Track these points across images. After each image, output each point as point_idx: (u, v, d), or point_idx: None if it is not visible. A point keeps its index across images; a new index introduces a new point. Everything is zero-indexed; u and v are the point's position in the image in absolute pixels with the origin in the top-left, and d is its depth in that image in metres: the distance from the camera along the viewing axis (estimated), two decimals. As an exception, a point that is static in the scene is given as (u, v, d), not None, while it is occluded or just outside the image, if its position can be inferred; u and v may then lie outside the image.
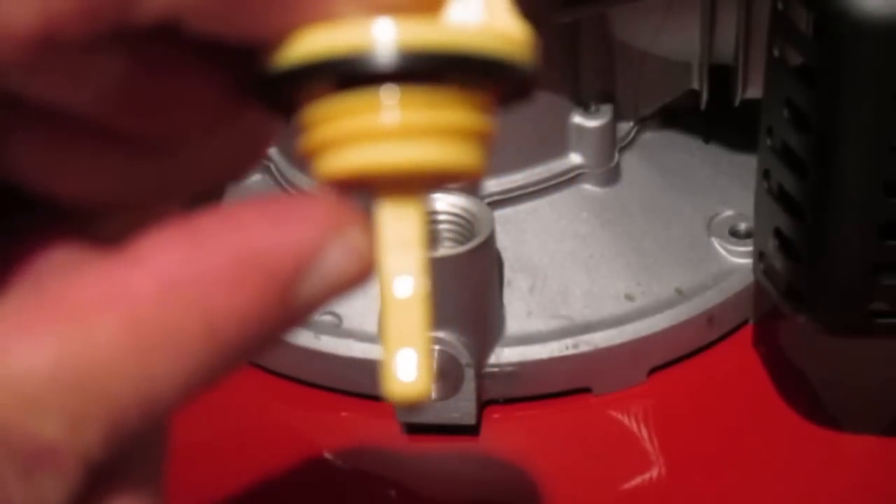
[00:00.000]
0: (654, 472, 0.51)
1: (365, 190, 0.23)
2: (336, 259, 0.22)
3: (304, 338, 0.53)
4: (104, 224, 0.25)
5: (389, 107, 0.22)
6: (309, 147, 0.23)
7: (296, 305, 0.22)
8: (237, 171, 0.26)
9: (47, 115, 0.23)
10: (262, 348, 0.23)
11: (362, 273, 0.23)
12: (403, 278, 0.23)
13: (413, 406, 0.25)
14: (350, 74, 0.22)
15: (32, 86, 0.22)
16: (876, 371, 0.55)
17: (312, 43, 0.22)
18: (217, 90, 0.24)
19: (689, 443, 0.52)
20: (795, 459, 0.51)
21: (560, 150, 0.57)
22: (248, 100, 0.24)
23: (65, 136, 0.23)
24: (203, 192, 0.25)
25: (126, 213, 0.25)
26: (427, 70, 0.22)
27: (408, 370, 0.23)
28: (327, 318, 0.53)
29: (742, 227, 0.56)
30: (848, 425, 0.52)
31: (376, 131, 0.22)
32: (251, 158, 0.26)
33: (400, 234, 0.23)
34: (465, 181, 0.24)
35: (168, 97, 0.23)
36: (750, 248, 0.53)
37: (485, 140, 0.23)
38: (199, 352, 0.22)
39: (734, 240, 0.56)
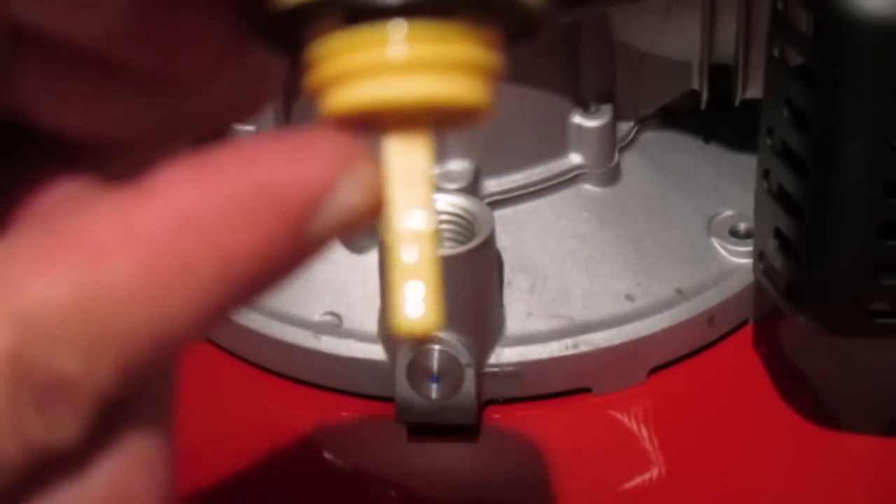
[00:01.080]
0: (654, 472, 0.51)
1: (372, 125, 0.23)
2: (348, 194, 0.22)
3: (304, 338, 0.53)
4: (110, 162, 0.25)
5: (397, 41, 0.22)
6: (316, 83, 0.23)
7: (308, 240, 0.22)
8: (243, 113, 0.26)
9: (52, 47, 0.23)
10: (274, 283, 0.23)
11: (373, 208, 0.23)
12: (411, 212, 0.23)
13: (421, 338, 0.25)
14: (357, 9, 0.22)
15: (37, 17, 0.22)
16: (876, 371, 0.55)
17: None
18: (223, 28, 0.24)
19: (689, 443, 0.52)
20: (795, 459, 0.51)
21: (560, 150, 0.57)
22: (255, 38, 0.24)
23: (70, 69, 0.23)
24: (209, 133, 0.25)
25: (132, 151, 0.25)
26: (434, 4, 0.22)
27: (416, 303, 0.23)
28: (327, 318, 0.53)
29: (742, 227, 0.56)
30: (848, 425, 0.52)
31: (383, 65, 0.22)
32: (257, 100, 0.26)
33: (407, 170, 0.23)
34: (471, 119, 0.23)
35: (174, 34, 0.23)
36: (750, 248, 0.53)
37: (492, 76, 0.23)
38: (212, 287, 0.22)
39: (734, 240, 0.56)
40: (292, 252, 0.22)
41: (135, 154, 0.25)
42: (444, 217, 0.51)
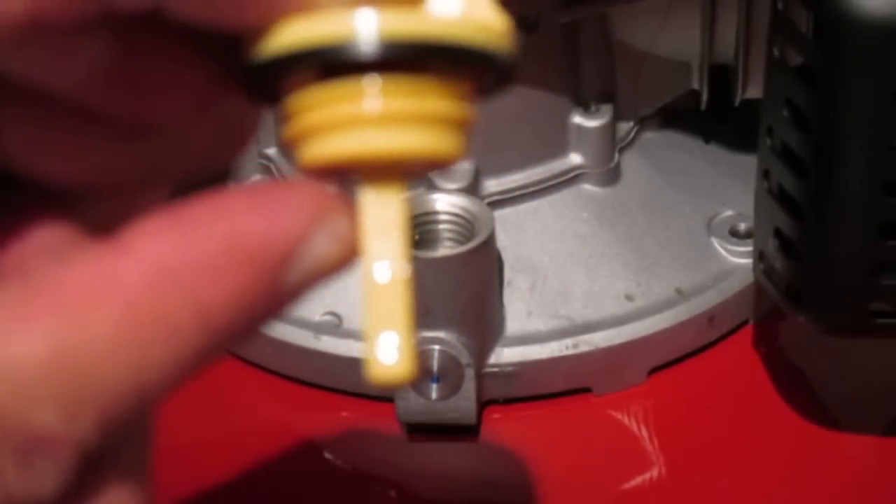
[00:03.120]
0: (654, 472, 0.51)
1: (347, 177, 0.24)
2: (321, 245, 0.23)
3: (304, 338, 0.53)
4: (90, 209, 0.25)
5: (371, 95, 0.23)
6: (292, 135, 0.23)
7: (283, 291, 0.23)
8: (221, 158, 0.26)
9: (33, 94, 0.23)
10: (251, 332, 0.23)
11: (346, 258, 0.23)
12: (385, 263, 0.23)
13: (394, 388, 0.25)
14: (333, 63, 0.23)
15: (19, 65, 0.22)
16: (876, 371, 0.55)
17: (295, 32, 0.23)
18: (201, 77, 0.24)
19: (689, 443, 0.52)
20: (795, 459, 0.51)
21: (560, 150, 0.57)
22: (233, 87, 0.24)
23: (50, 116, 0.24)
24: (188, 178, 0.26)
25: (111, 198, 0.25)
26: (408, 59, 0.23)
27: (389, 353, 0.23)
28: (327, 318, 0.53)
29: (742, 227, 0.56)
30: (848, 425, 0.52)
31: (358, 119, 0.23)
32: (235, 146, 0.26)
33: (381, 220, 0.23)
34: (444, 167, 0.24)
35: (152, 82, 0.24)
36: (750, 248, 0.53)
37: (464, 127, 0.24)
38: (190, 338, 0.22)
39: (734, 240, 0.56)
40: (268, 302, 0.23)
41: (117, 200, 0.26)
42: (444, 217, 0.51)
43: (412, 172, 0.24)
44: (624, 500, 0.51)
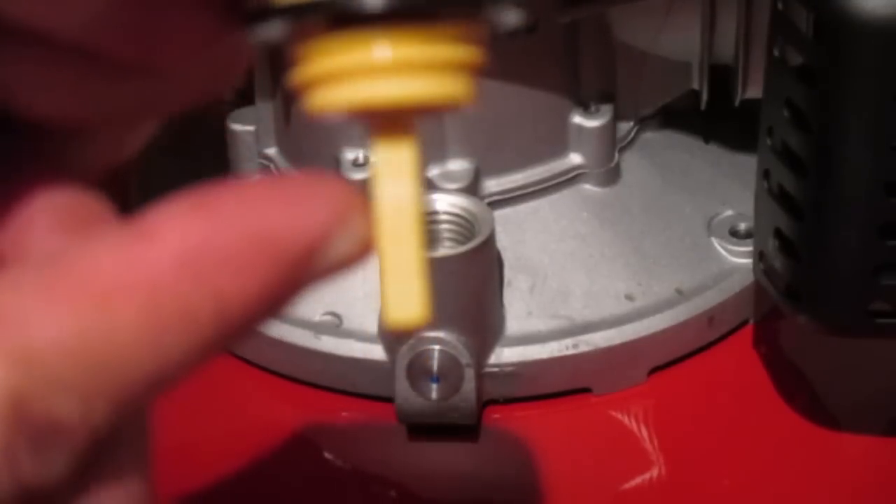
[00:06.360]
0: (654, 472, 0.51)
1: (359, 121, 0.24)
2: (341, 245, 0.23)
3: (304, 338, 0.53)
4: (82, 151, 0.25)
5: (381, 44, 0.23)
6: (302, 81, 0.24)
7: (298, 286, 0.23)
8: (214, 90, 0.26)
9: (34, 35, 0.23)
10: (262, 323, 0.23)
11: (362, 257, 0.24)
12: (398, 208, 0.24)
13: (411, 332, 0.26)
14: (343, 12, 0.23)
15: (20, 10, 0.22)
16: (876, 371, 0.55)
17: None
18: (206, 19, 0.24)
19: (689, 443, 0.52)
20: (795, 459, 0.51)
21: (560, 150, 0.57)
22: (239, 32, 0.24)
23: (50, 56, 0.24)
24: (177, 112, 0.26)
25: (103, 135, 0.26)
26: (419, 7, 0.23)
27: (404, 298, 0.23)
28: (327, 318, 0.53)
29: (742, 227, 0.56)
30: (848, 425, 0.52)
31: (368, 67, 0.23)
32: (229, 77, 0.26)
33: (394, 166, 0.24)
34: (453, 111, 0.24)
35: (157, 25, 0.24)
36: (750, 248, 0.53)
37: (474, 70, 0.24)
38: (207, 329, 0.22)
39: (734, 240, 0.56)
40: (283, 296, 0.23)
41: (107, 138, 0.26)
42: (444, 217, 0.51)
43: (423, 115, 0.24)
44: (624, 500, 0.51)
